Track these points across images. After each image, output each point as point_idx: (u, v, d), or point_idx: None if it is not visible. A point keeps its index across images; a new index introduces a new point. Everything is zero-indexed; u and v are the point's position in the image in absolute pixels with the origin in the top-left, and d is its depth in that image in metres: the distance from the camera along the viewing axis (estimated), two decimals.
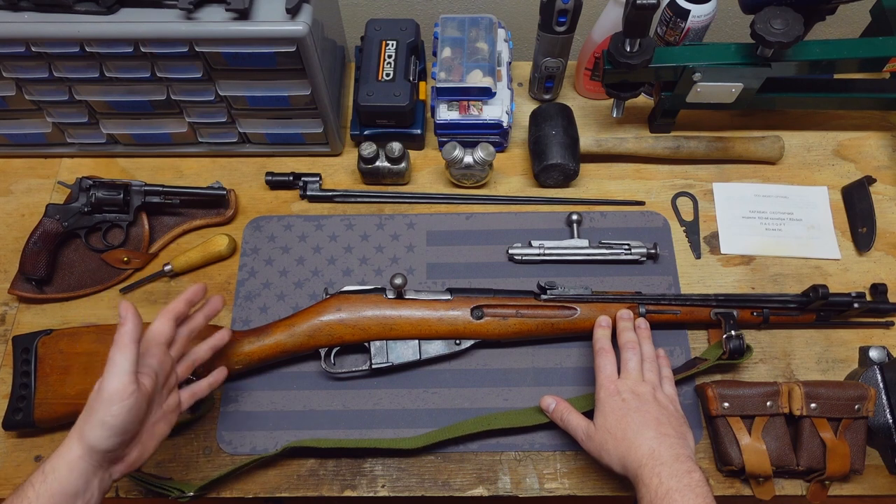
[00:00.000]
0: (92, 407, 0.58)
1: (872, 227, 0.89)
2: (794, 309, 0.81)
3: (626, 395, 0.69)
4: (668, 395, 0.71)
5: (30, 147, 0.96)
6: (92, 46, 0.77)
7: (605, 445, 0.67)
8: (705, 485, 0.60)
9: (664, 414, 0.67)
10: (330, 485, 0.76)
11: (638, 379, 0.71)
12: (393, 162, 0.91)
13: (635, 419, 0.67)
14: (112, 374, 0.58)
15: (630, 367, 0.72)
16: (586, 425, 0.70)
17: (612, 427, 0.67)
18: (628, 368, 0.72)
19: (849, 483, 0.76)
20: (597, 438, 0.68)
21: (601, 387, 0.71)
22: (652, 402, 0.68)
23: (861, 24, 0.96)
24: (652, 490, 0.60)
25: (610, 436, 0.67)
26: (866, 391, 0.73)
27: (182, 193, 0.89)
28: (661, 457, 0.63)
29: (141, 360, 0.61)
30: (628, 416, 0.67)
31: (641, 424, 0.66)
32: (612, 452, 0.66)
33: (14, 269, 0.86)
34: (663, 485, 0.60)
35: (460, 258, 0.89)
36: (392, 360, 0.79)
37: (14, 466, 0.77)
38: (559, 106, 0.93)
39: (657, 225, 0.91)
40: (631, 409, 0.68)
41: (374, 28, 0.96)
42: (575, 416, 0.72)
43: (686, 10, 0.88)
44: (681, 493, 0.59)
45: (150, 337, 0.64)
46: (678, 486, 0.59)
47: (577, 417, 0.71)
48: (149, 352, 0.63)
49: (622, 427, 0.66)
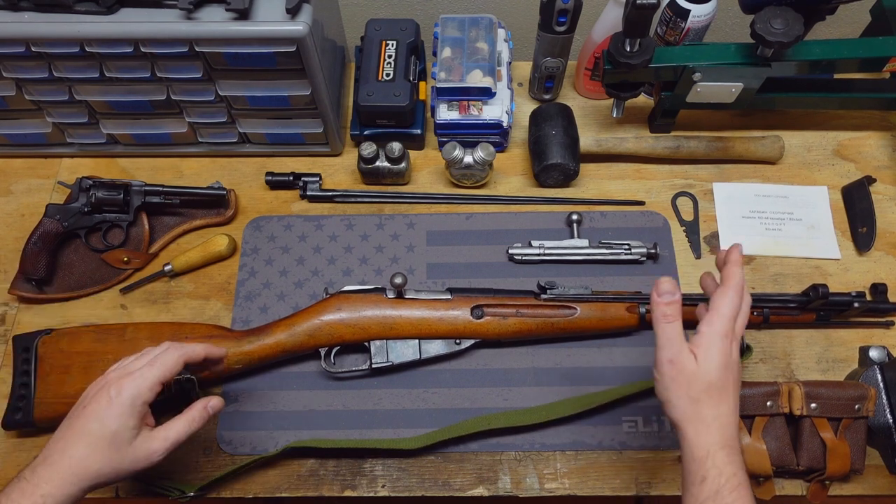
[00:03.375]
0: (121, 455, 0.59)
1: (872, 226, 0.89)
2: (795, 309, 0.81)
3: (735, 349, 0.60)
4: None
5: (30, 147, 0.96)
6: (92, 46, 0.77)
7: (694, 385, 0.57)
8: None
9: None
10: (330, 485, 0.76)
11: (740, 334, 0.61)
12: (393, 162, 0.91)
13: (735, 383, 0.59)
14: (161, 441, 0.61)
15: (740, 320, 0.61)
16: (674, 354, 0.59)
17: (714, 373, 0.57)
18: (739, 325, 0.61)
19: (849, 483, 0.76)
20: (688, 369, 0.58)
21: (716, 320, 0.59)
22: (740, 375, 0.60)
23: (861, 24, 0.96)
24: (725, 475, 0.55)
25: (705, 380, 0.57)
26: (866, 391, 0.73)
27: (182, 193, 0.89)
28: (737, 444, 0.57)
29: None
30: (731, 376, 0.59)
31: (735, 393, 0.59)
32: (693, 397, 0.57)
33: (14, 269, 0.86)
34: (736, 476, 0.55)
35: (460, 258, 0.89)
36: (392, 359, 0.79)
37: (14, 466, 0.77)
38: (559, 106, 0.93)
39: (657, 225, 0.91)
40: (734, 368, 0.59)
41: (374, 28, 0.96)
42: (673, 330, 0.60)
43: (686, 10, 0.88)
44: (747, 489, 0.55)
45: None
46: (745, 482, 0.56)
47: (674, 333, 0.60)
48: None
49: (723, 382, 0.58)
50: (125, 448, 0.59)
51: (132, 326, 0.79)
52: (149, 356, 0.63)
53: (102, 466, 0.58)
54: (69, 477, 0.57)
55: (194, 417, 0.63)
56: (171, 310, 0.87)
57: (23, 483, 0.56)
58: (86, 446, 0.58)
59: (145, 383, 0.60)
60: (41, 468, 0.57)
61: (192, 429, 0.63)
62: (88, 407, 0.59)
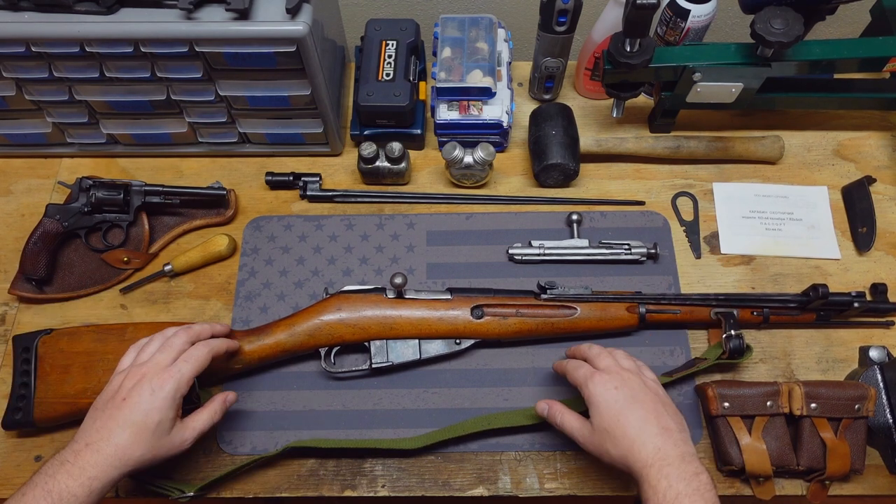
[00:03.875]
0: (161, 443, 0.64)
1: (872, 226, 0.89)
2: (794, 308, 0.81)
3: (615, 383, 0.65)
4: (653, 378, 0.69)
5: (30, 147, 0.96)
6: (92, 46, 0.77)
7: (605, 445, 0.64)
8: (713, 488, 0.59)
9: (660, 403, 0.65)
10: (330, 485, 0.76)
11: (618, 367, 0.68)
12: (393, 162, 0.91)
13: (635, 415, 0.63)
14: (190, 430, 0.67)
15: (606, 363, 0.68)
16: (581, 425, 0.67)
17: (610, 425, 0.63)
18: (605, 364, 0.68)
19: (849, 483, 0.76)
20: (595, 439, 0.65)
21: (585, 384, 0.67)
22: (643, 388, 0.65)
23: (861, 24, 0.96)
24: (660, 493, 0.58)
25: (609, 435, 0.63)
26: (866, 391, 0.73)
27: (182, 193, 0.89)
28: (668, 456, 0.60)
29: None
30: (626, 412, 0.63)
31: (642, 420, 0.63)
32: (613, 452, 0.63)
33: (14, 269, 0.86)
34: (672, 488, 0.58)
35: (460, 258, 0.89)
36: (392, 359, 0.79)
37: (14, 466, 0.77)
38: (559, 106, 0.93)
39: (657, 225, 0.91)
40: (626, 402, 0.64)
41: (374, 28, 0.96)
42: (570, 416, 0.68)
43: (686, 9, 0.88)
44: (690, 499, 0.57)
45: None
46: (687, 491, 0.57)
47: (573, 418, 0.68)
48: None
49: (621, 425, 0.63)
50: (164, 437, 0.64)
51: (132, 326, 0.79)
52: (172, 349, 0.68)
53: (144, 453, 0.63)
54: (114, 461, 0.61)
55: (216, 409, 0.70)
56: (171, 310, 0.87)
57: (67, 466, 0.60)
58: (131, 435, 0.62)
59: (183, 378, 0.66)
60: (86, 453, 0.61)
61: (214, 420, 0.69)
62: (129, 399, 0.64)
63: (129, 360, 0.69)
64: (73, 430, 0.78)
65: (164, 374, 0.65)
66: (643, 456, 0.61)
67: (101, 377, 0.75)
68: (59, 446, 0.78)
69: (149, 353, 0.68)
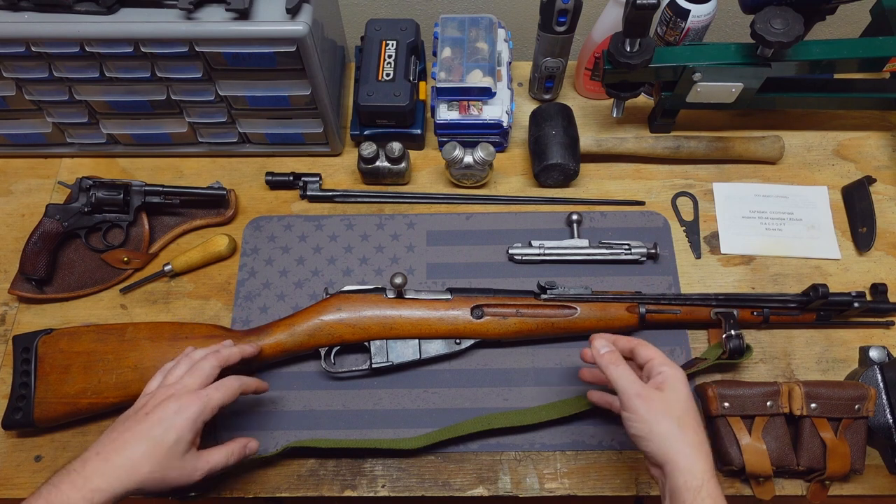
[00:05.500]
0: (172, 465, 0.61)
1: (872, 226, 0.89)
2: (795, 308, 0.81)
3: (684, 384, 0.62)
4: None
5: (30, 147, 0.96)
6: (92, 46, 0.77)
7: (660, 420, 0.59)
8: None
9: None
10: (330, 485, 0.76)
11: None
12: (393, 162, 0.91)
13: (699, 424, 0.60)
14: (203, 462, 0.64)
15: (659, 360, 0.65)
16: (641, 383, 0.62)
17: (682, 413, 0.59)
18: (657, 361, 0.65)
19: (849, 483, 0.76)
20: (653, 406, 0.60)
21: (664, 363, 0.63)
22: (694, 406, 0.62)
23: (861, 24, 0.96)
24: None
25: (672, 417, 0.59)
26: (866, 391, 0.73)
27: (182, 193, 0.89)
28: (712, 481, 0.57)
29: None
30: (695, 415, 0.60)
31: (702, 434, 0.60)
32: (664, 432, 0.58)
33: (14, 269, 0.86)
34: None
35: (460, 258, 0.89)
36: (392, 359, 0.79)
37: (14, 466, 0.77)
38: (559, 106, 0.93)
39: (657, 225, 0.91)
40: (694, 406, 0.61)
41: (374, 28, 0.96)
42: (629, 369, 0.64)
43: (686, 10, 0.88)
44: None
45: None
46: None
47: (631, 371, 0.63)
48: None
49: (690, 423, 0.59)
50: (177, 459, 0.62)
51: (132, 326, 0.79)
52: (201, 374, 0.67)
53: (153, 470, 0.60)
54: (121, 473, 0.59)
55: (233, 451, 0.67)
56: (171, 310, 0.87)
57: (73, 475, 0.58)
58: (145, 448, 0.60)
59: (210, 404, 0.65)
60: (93, 462, 0.59)
61: (229, 462, 0.66)
62: (152, 414, 0.62)
63: (156, 382, 0.68)
64: (73, 430, 0.79)
65: (192, 395, 0.64)
66: (696, 470, 0.57)
67: (101, 377, 0.76)
68: (59, 446, 0.78)
69: (176, 376, 0.67)
